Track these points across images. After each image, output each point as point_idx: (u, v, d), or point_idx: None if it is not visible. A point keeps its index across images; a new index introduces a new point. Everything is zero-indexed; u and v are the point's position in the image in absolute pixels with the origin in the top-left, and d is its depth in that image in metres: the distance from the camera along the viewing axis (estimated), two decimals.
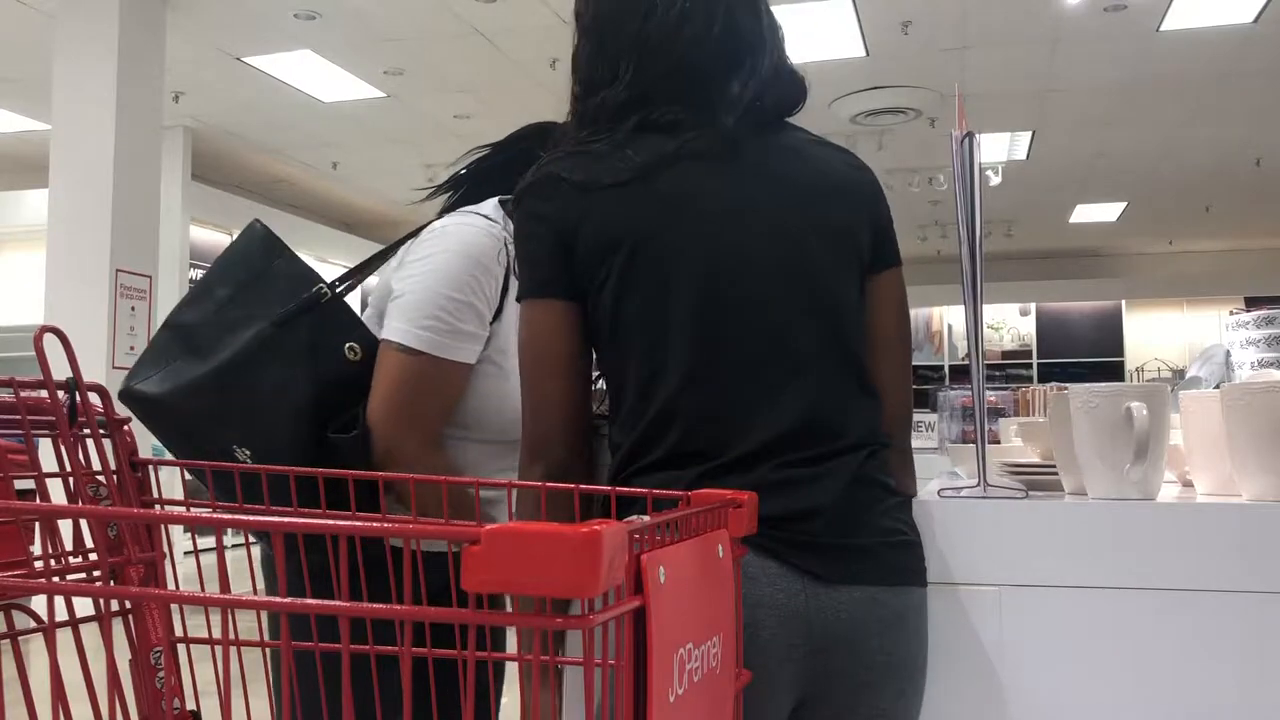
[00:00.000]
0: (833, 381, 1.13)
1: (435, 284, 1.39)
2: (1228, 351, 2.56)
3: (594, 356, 1.18)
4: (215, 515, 0.64)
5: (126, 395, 1.31)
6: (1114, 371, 12.82)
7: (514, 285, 1.41)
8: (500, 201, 1.51)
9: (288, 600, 0.60)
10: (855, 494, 1.09)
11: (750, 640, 1.01)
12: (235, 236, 1.54)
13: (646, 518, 0.65)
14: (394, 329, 1.38)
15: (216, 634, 0.78)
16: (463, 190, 1.60)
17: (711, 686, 0.73)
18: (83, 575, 0.97)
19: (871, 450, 1.13)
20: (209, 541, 5.95)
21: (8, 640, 0.92)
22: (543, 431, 1.14)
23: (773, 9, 1.24)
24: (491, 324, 1.43)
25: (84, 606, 0.87)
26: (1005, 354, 13.66)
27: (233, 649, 0.94)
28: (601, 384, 1.21)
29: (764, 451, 1.07)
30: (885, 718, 1.10)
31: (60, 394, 0.94)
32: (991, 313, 13.40)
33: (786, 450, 1.08)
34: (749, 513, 0.82)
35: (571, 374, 1.15)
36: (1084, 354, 13.26)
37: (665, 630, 0.64)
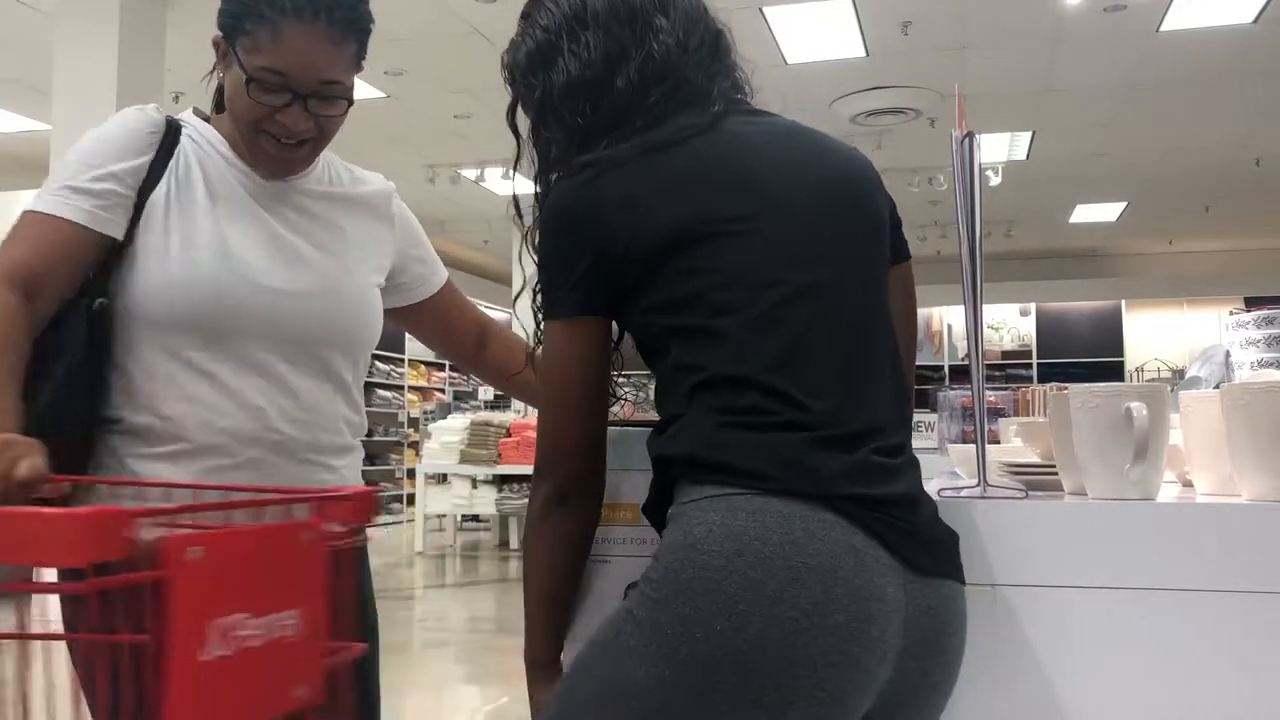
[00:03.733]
0: (890, 379, 1.13)
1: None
2: (1228, 351, 2.56)
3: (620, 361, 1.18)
4: None
5: None
6: (1114, 371, 12.80)
7: (169, 180, 1.38)
8: (194, 109, 1.52)
9: None
10: (922, 488, 1.10)
11: (862, 636, 0.96)
12: None
13: (162, 504, 0.77)
14: None
15: None
16: None
17: (281, 653, 0.85)
18: None
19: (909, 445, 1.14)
20: None
21: None
22: (557, 454, 1.13)
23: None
24: (141, 202, 1.38)
25: None
26: (1005, 354, 13.63)
27: None
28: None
29: (864, 433, 1.05)
30: (935, 711, 1.09)
31: None
32: (991, 313, 13.38)
33: (876, 438, 1.06)
34: (357, 506, 0.94)
35: (594, 398, 1.13)
36: (1084, 354, 13.23)
37: (197, 600, 0.77)
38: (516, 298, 1.24)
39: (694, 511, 1.00)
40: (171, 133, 1.43)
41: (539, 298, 1.17)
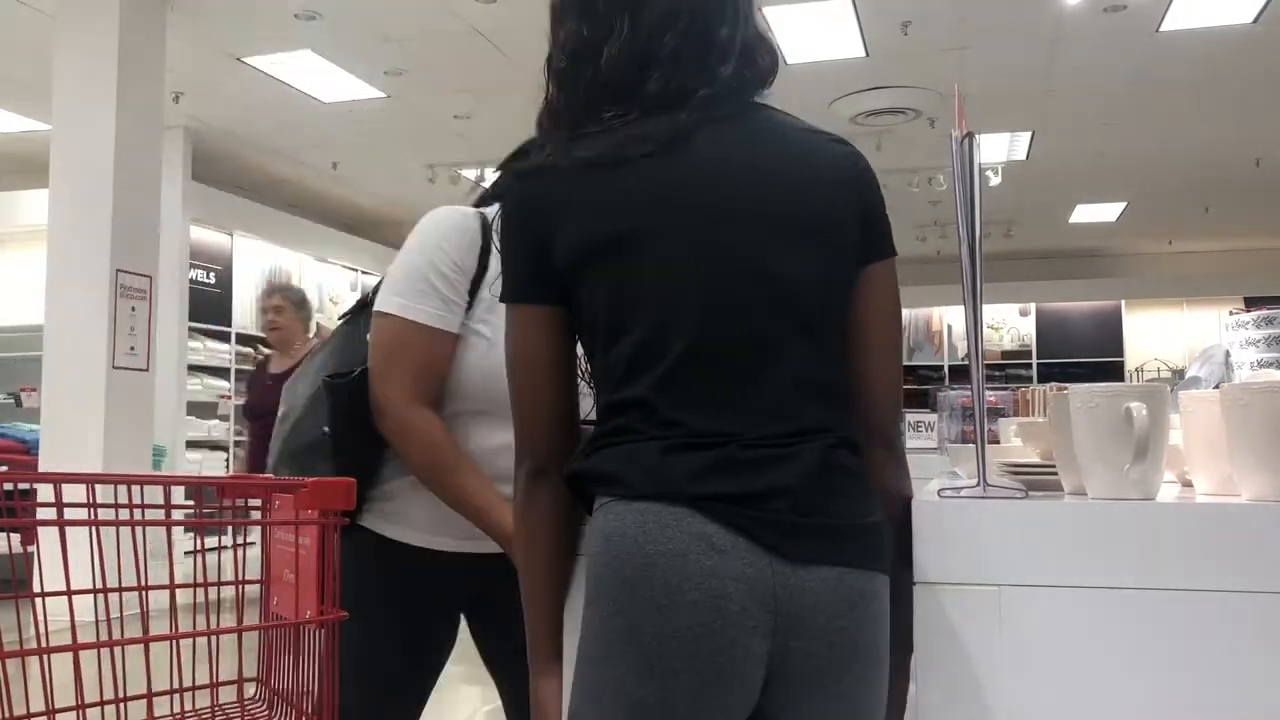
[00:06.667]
0: (802, 376, 1.13)
1: (405, 259, 1.56)
2: (1227, 351, 2.56)
3: (579, 352, 1.21)
4: None
5: None
6: (1114, 371, 12.80)
7: (494, 266, 1.51)
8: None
9: None
10: (823, 477, 1.10)
11: (720, 610, 1.03)
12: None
13: None
14: (378, 300, 1.57)
15: None
16: None
17: None
18: None
19: (838, 439, 1.13)
20: (212, 541, 5.93)
21: None
22: (529, 433, 1.19)
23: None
24: (471, 298, 1.54)
25: None
26: (1005, 354, 13.64)
27: None
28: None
29: (735, 433, 1.09)
30: (845, 701, 1.09)
31: None
32: (991, 313, 13.38)
33: (755, 433, 1.09)
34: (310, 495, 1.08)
35: (556, 377, 1.18)
36: (1084, 354, 13.24)
37: None
38: (500, 299, 1.27)
39: (591, 520, 1.13)
40: (486, 228, 1.56)
41: None
